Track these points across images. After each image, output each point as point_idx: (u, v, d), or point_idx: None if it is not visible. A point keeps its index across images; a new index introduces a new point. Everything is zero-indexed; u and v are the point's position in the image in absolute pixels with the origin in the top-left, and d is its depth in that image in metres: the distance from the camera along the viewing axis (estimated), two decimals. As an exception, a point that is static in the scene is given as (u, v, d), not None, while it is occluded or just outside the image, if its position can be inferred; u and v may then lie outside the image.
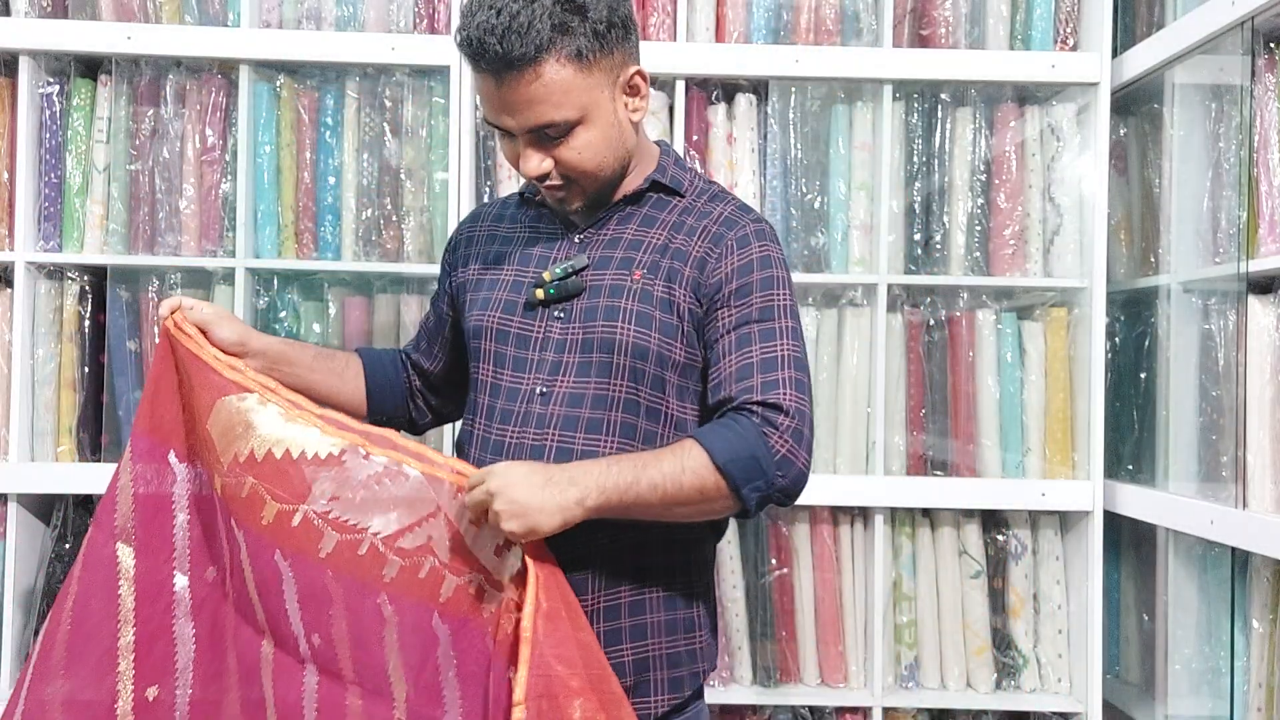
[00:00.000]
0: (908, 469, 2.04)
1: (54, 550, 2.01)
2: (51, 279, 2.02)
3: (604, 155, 1.20)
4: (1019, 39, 2.07)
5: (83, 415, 2.00)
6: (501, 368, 1.25)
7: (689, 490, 1.10)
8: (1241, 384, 1.69)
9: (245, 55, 1.97)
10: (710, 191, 1.30)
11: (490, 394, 1.26)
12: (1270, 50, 1.69)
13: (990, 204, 2.06)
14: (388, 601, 1.10)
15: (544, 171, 1.18)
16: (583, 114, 1.15)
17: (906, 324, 2.06)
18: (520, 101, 1.13)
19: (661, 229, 1.25)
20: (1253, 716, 1.66)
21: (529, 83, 1.11)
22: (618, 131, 1.20)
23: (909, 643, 2.05)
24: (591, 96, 1.15)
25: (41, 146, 2.01)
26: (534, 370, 1.23)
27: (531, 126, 1.15)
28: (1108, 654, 2.09)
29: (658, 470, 1.10)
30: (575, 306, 1.22)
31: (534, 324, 1.24)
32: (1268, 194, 1.69)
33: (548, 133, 1.15)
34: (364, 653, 1.11)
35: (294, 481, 1.13)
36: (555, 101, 1.13)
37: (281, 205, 2.03)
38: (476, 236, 1.38)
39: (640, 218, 1.27)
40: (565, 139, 1.16)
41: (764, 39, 2.06)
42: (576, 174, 1.19)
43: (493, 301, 1.28)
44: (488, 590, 1.11)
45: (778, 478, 1.12)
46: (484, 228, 1.38)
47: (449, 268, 1.41)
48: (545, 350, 1.23)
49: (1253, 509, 1.66)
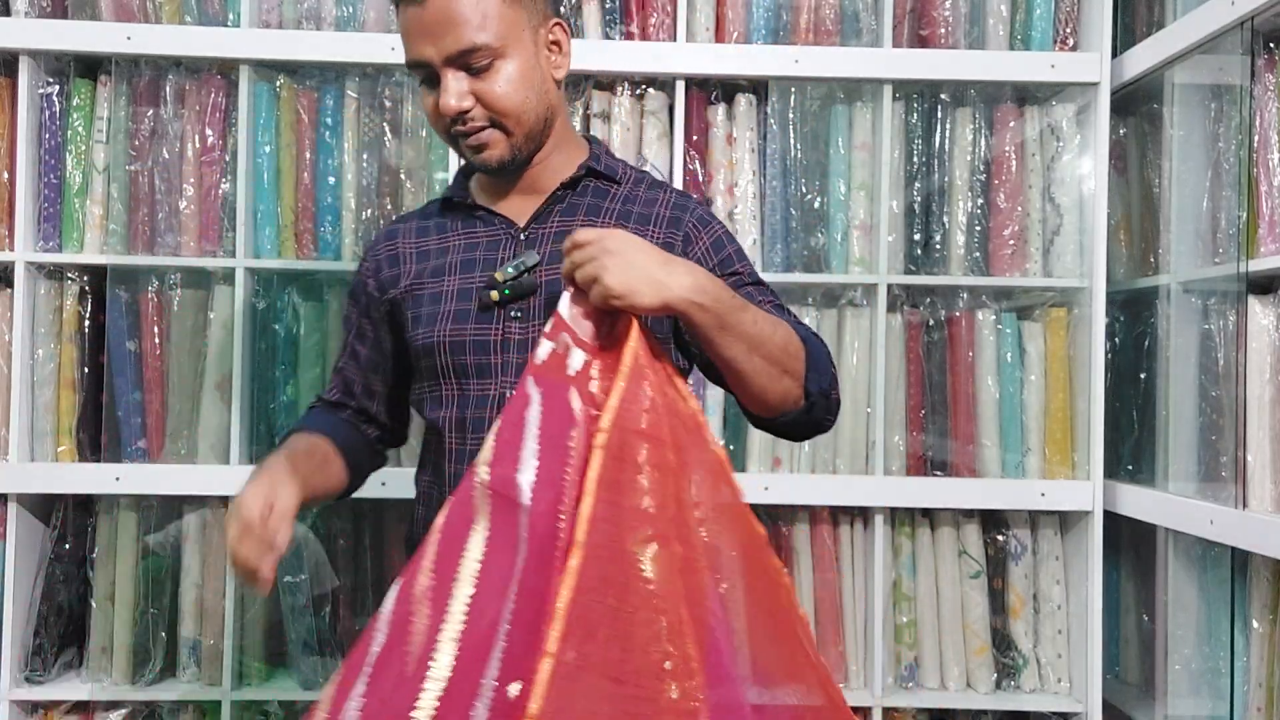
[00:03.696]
0: (907, 469, 2.04)
1: (54, 550, 2.01)
2: (51, 279, 2.01)
3: (526, 95, 1.18)
4: (1019, 39, 2.07)
5: (83, 415, 2.00)
6: (465, 378, 1.22)
7: (777, 344, 1.10)
8: (1241, 384, 1.69)
9: (245, 55, 1.97)
10: (646, 179, 1.31)
11: (457, 406, 1.22)
12: (1270, 50, 1.69)
13: (990, 204, 2.06)
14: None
15: (464, 108, 1.16)
16: (504, 44, 1.15)
17: (906, 324, 2.06)
18: (444, 21, 1.12)
19: (608, 218, 1.25)
20: (1253, 716, 1.66)
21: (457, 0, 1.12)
22: (540, 76, 1.20)
23: (909, 643, 2.05)
24: (514, 31, 1.16)
25: (41, 147, 2.01)
26: (499, 374, 1.20)
27: (454, 51, 1.13)
28: (1108, 654, 2.09)
29: (758, 312, 1.10)
30: (532, 304, 1.20)
31: (490, 328, 1.21)
32: (1267, 194, 1.69)
33: (470, 63, 1.14)
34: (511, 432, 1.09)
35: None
36: (478, 23, 1.13)
37: (281, 205, 2.02)
38: (401, 254, 1.30)
39: (584, 207, 1.26)
40: (487, 72, 1.15)
41: (764, 39, 2.06)
42: (498, 111, 1.17)
43: (440, 315, 1.23)
44: (573, 350, 1.06)
45: (833, 388, 1.17)
46: (407, 244, 1.31)
47: (375, 294, 1.32)
48: (507, 352, 1.20)
49: (1253, 509, 1.66)
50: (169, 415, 2.00)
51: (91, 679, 2.00)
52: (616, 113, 2.03)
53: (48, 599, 1.99)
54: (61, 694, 1.99)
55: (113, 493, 1.98)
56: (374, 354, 1.36)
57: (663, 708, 0.93)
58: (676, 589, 0.97)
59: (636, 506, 0.98)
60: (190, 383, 2.00)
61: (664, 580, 0.96)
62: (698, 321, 1.06)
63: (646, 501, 0.99)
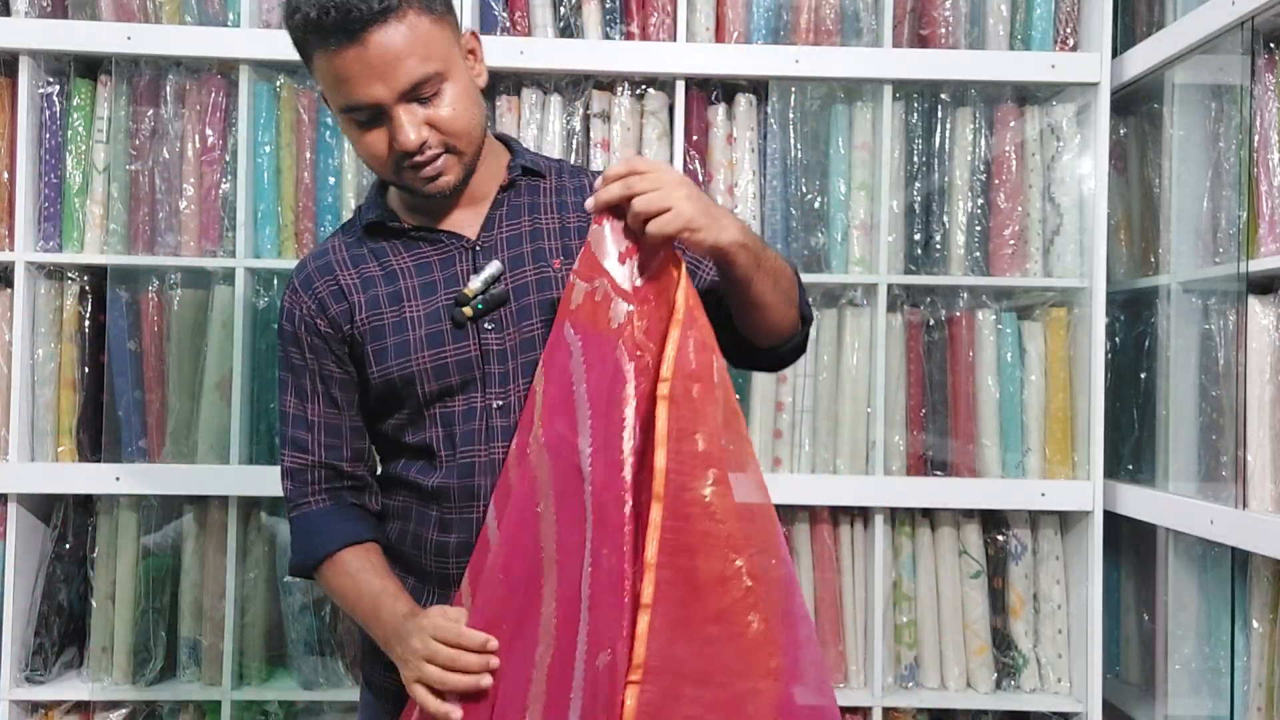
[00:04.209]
0: (908, 469, 2.04)
1: (54, 550, 2.01)
2: (51, 279, 2.01)
3: (473, 114, 1.17)
4: (1019, 39, 2.07)
5: (83, 415, 2.00)
6: (450, 398, 1.19)
7: (787, 275, 1.19)
8: (1241, 384, 1.69)
9: (245, 55, 1.96)
10: (565, 168, 1.31)
11: (444, 424, 1.20)
12: (1270, 50, 1.69)
13: (990, 204, 2.06)
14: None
15: (423, 139, 1.14)
16: (446, 67, 1.13)
17: (906, 324, 2.06)
18: (390, 59, 1.09)
19: (548, 213, 1.25)
20: (1253, 716, 1.66)
21: (397, 34, 1.09)
22: (475, 92, 1.19)
23: (909, 643, 2.05)
24: (449, 51, 1.15)
25: (41, 146, 2.01)
26: (484, 387, 1.19)
27: (405, 86, 1.11)
28: (1108, 654, 2.09)
29: (774, 250, 1.17)
30: (504, 313, 1.19)
31: (469, 344, 1.18)
32: (1268, 194, 1.69)
33: (421, 94, 1.12)
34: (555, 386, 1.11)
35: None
36: (422, 54, 1.11)
37: (281, 205, 2.02)
38: (344, 288, 1.22)
39: (525, 207, 1.25)
40: (435, 98, 1.14)
41: (764, 39, 2.06)
42: (453, 136, 1.16)
43: (412, 343, 1.19)
44: (615, 301, 1.05)
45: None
46: (347, 277, 1.23)
47: (330, 332, 1.22)
48: (488, 364, 1.19)
49: (1253, 509, 1.66)
50: (169, 415, 2.00)
51: (92, 679, 2.00)
52: (616, 113, 2.03)
53: (48, 599, 1.99)
54: (62, 694, 1.99)
55: (113, 493, 1.98)
56: (350, 394, 1.25)
57: (751, 642, 1.01)
58: (740, 519, 1.03)
59: (696, 450, 1.01)
60: (190, 382, 2.01)
61: (729, 513, 1.01)
62: (740, 262, 1.08)
63: (705, 443, 1.01)
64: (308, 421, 1.25)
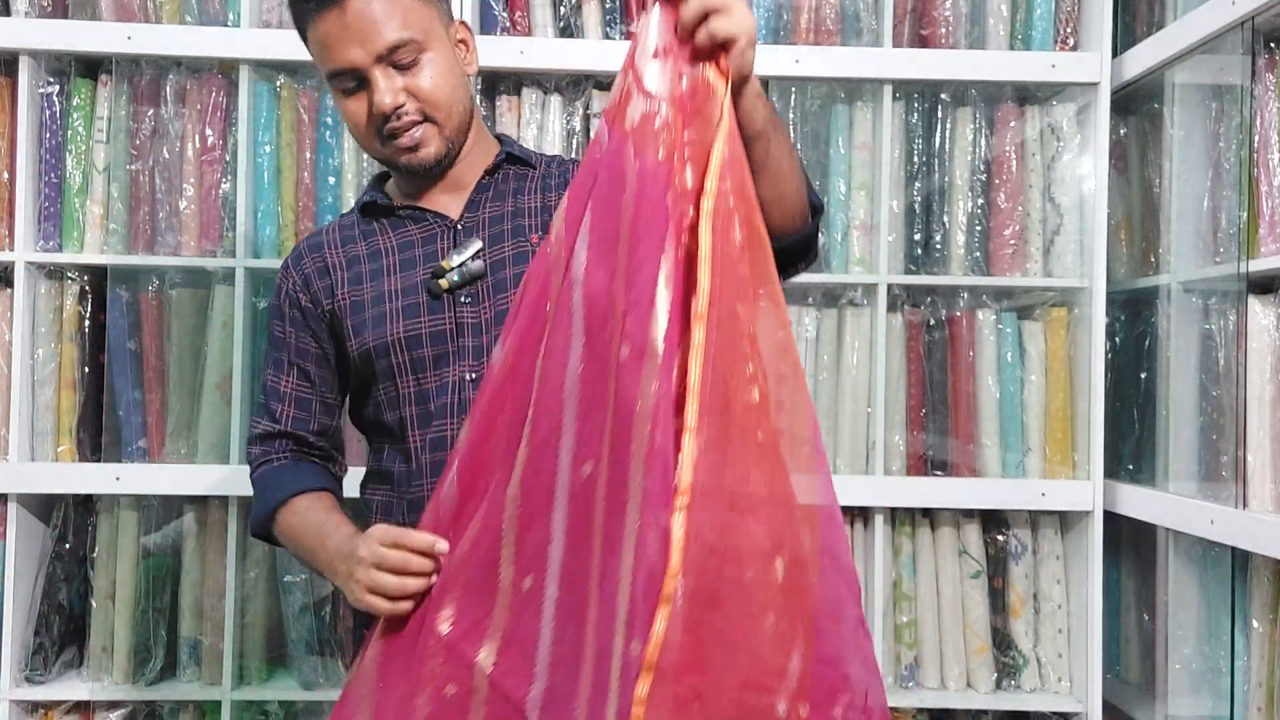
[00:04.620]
0: (908, 469, 2.04)
1: (54, 550, 2.01)
2: (51, 279, 2.01)
3: (454, 88, 1.21)
4: (1019, 39, 2.07)
5: (83, 415, 2.00)
6: (422, 372, 1.22)
7: (795, 153, 1.14)
8: (1241, 384, 1.69)
9: (245, 55, 1.97)
10: (558, 160, 1.33)
11: (417, 402, 1.22)
12: (1270, 50, 1.69)
13: (990, 204, 2.06)
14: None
15: (400, 103, 1.17)
16: (426, 38, 1.18)
17: (906, 324, 2.06)
18: (367, 23, 1.14)
19: (531, 194, 1.27)
20: (1253, 716, 1.66)
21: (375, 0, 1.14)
22: (459, 72, 1.23)
23: (909, 643, 2.05)
24: (429, 25, 1.19)
25: (41, 146, 2.01)
26: (457, 360, 1.21)
27: (383, 48, 1.15)
28: (1108, 654, 2.09)
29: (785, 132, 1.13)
30: (481, 287, 1.21)
31: (443, 317, 1.21)
32: (1268, 194, 1.69)
33: (398, 59, 1.16)
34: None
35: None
36: (400, 20, 1.16)
37: (281, 205, 2.02)
38: (329, 265, 1.28)
39: (510, 191, 1.28)
40: (414, 67, 1.17)
41: (764, 39, 2.05)
42: (430, 103, 1.19)
43: (388, 314, 1.22)
44: (659, 116, 0.99)
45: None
46: (334, 255, 1.28)
47: (310, 307, 1.27)
48: (463, 338, 1.21)
49: (1253, 509, 1.66)
50: (169, 415, 2.00)
51: (92, 679, 2.00)
52: (617, 112, 2.03)
53: (48, 599, 1.99)
54: (62, 694, 1.99)
55: (113, 492, 1.98)
56: (323, 370, 1.30)
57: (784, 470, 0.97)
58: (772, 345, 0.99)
59: (738, 273, 0.97)
60: (190, 383, 2.00)
61: (765, 338, 0.98)
62: (762, 113, 1.05)
63: (746, 268, 0.97)
64: (280, 393, 1.30)
